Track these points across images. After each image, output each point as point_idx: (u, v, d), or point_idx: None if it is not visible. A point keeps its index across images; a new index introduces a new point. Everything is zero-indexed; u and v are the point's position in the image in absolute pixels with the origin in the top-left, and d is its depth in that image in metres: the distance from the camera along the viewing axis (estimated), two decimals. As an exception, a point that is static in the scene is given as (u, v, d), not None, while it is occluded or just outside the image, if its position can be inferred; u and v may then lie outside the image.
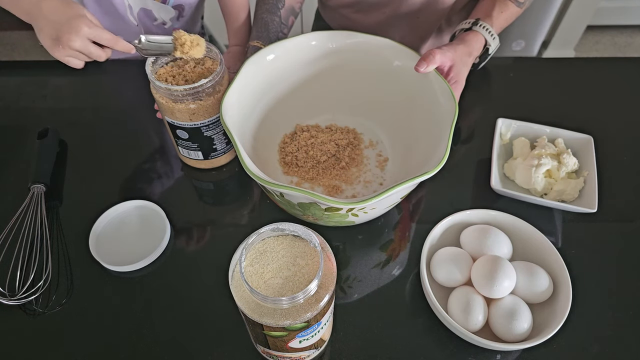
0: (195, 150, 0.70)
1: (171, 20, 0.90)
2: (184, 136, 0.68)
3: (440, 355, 0.55)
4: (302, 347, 0.48)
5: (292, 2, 0.82)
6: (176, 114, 0.64)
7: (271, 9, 0.79)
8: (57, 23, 0.52)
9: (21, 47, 2.22)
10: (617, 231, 0.67)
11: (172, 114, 0.64)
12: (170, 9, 0.88)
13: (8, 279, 0.60)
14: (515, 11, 0.79)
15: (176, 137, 0.69)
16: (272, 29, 0.78)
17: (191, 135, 0.67)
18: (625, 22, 2.19)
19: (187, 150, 0.70)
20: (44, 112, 0.85)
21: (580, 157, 0.72)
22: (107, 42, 0.56)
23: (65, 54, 0.54)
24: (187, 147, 0.70)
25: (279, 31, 0.79)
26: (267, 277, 0.43)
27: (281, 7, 0.80)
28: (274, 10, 0.79)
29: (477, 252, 0.59)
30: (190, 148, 0.70)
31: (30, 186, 0.68)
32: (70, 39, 0.53)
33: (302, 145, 0.74)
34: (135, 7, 0.84)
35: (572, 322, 0.55)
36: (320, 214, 0.57)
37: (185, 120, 0.65)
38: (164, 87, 0.61)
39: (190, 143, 0.69)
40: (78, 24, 0.53)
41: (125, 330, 0.57)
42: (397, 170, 0.72)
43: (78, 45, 0.53)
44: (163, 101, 0.63)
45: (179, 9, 0.89)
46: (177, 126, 0.66)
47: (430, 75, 0.66)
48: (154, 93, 0.64)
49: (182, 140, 0.69)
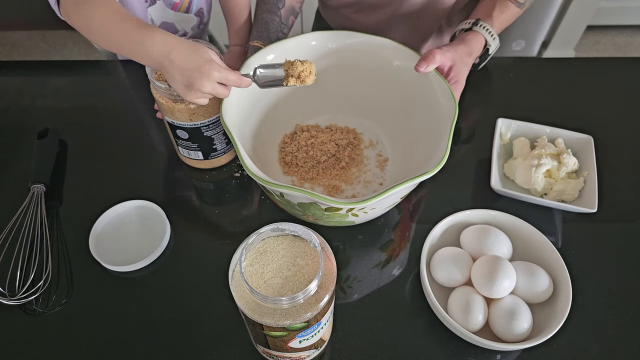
0: (195, 150, 0.70)
1: (192, 29, 0.90)
2: (184, 136, 0.68)
3: (440, 355, 0.55)
4: (302, 347, 0.48)
5: (292, 2, 0.82)
6: (176, 114, 0.64)
7: (271, 9, 0.79)
8: (188, 70, 0.55)
9: (21, 47, 2.22)
10: (617, 231, 0.67)
11: (172, 114, 0.64)
12: (193, 17, 0.88)
13: (8, 279, 0.60)
14: (516, 12, 0.79)
15: (176, 137, 0.69)
16: (272, 29, 0.78)
17: (191, 135, 0.67)
18: (625, 22, 2.19)
19: (187, 150, 0.70)
20: (44, 112, 0.85)
21: (580, 157, 0.72)
22: (234, 83, 0.58)
23: (196, 97, 0.57)
24: (187, 147, 0.70)
25: (279, 31, 0.79)
26: (267, 277, 0.43)
27: (281, 7, 0.80)
28: (274, 10, 0.79)
29: (477, 252, 0.59)
30: (190, 148, 0.70)
31: (30, 186, 0.68)
32: (202, 85, 0.55)
33: (302, 145, 0.74)
34: (157, 22, 0.85)
35: (572, 322, 0.55)
36: (320, 214, 0.57)
37: (185, 120, 0.65)
38: (164, 87, 0.61)
39: (190, 143, 0.69)
40: (208, 70, 0.55)
41: (125, 330, 0.57)
42: (397, 170, 0.72)
43: (208, 89, 0.56)
44: (163, 101, 0.63)
45: (200, 16, 0.89)
46: (177, 126, 0.66)
47: (430, 75, 0.66)
48: (154, 93, 0.65)
49: (182, 140, 0.69)
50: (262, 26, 0.78)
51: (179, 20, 0.87)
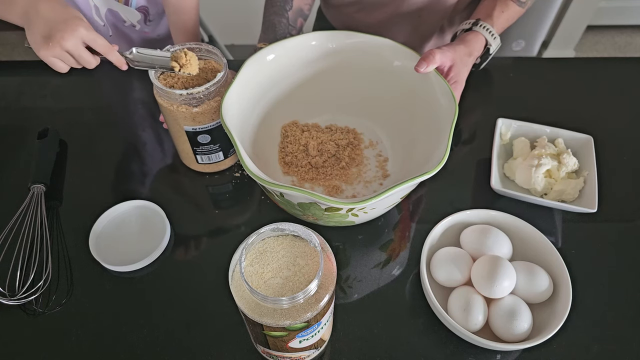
0: (216, 152, 0.69)
1: (139, 23, 0.88)
2: (205, 140, 0.66)
3: (440, 355, 0.55)
4: (302, 347, 0.48)
5: (300, 4, 0.81)
6: (198, 118, 0.63)
7: (279, 11, 0.79)
8: (52, 21, 0.51)
9: (21, 47, 2.22)
10: (617, 231, 0.67)
11: (193, 120, 0.63)
12: (135, 12, 0.87)
13: (8, 279, 0.60)
14: (517, 10, 0.79)
15: (196, 144, 0.67)
16: (279, 30, 0.78)
17: (213, 136, 0.66)
18: (625, 22, 2.19)
19: (208, 155, 0.69)
20: (44, 112, 0.85)
21: (580, 157, 0.72)
22: (101, 49, 0.54)
23: (53, 53, 0.52)
24: (209, 152, 0.68)
25: (287, 33, 0.79)
26: (267, 277, 0.43)
27: (289, 9, 0.80)
28: (282, 12, 0.79)
29: (477, 252, 0.59)
30: (212, 151, 0.68)
31: (30, 186, 0.68)
32: (63, 37, 0.51)
33: (302, 145, 0.74)
34: (102, 8, 0.82)
35: (572, 322, 0.55)
36: (320, 214, 0.57)
37: (207, 121, 0.64)
38: (186, 92, 0.59)
39: (212, 145, 0.67)
40: (75, 23, 0.51)
41: (125, 330, 0.57)
42: (397, 170, 0.72)
43: (70, 45, 0.51)
44: (183, 109, 0.62)
45: (144, 12, 0.88)
46: (198, 132, 0.64)
47: (431, 75, 0.66)
48: (168, 107, 0.62)
49: (204, 145, 0.67)
50: (269, 28, 0.78)
51: (123, 11, 0.85)
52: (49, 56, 0.52)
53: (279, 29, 0.78)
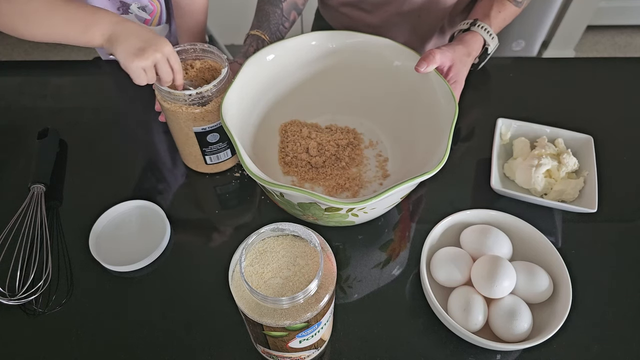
0: (224, 150, 0.69)
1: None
2: (214, 139, 0.66)
3: (440, 355, 0.55)
4: (302, 347, 0.48)
5: None
6: (208, 117, 0.63)
7: (273, 1, 0.80)
8: (145, 37, 0.58)
9: (21, 47, 2.22)
10: (617, 231, 0.67)
11: (203, 119, 0.63)
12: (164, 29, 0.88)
13: (8, 279, 0.60)
14: (514, 10, 0.79)
15: (205, 145, 0.67)
16: (272, 20, 0.78)
17: (222, 134, 0.66)
18: (625, 22, 2.19)
19: (217, 154, 0.69)
20: (44, 112, 0.85)
21: (580, 157, 0.72)
22: (176, 67, 0.61)
23: (144, 64, 0.57)
24: (217, 151, 0.68)
25: (280, 24, 0.79)
26: (267, 277, 0.43)
27: (283, 0, 0.80)
28: (276, 2, 0.80)
29: (477, 252, 0.59)
30: (221, 150, 0.68)
31: (30, 186, 0.68)
32: (157, 49, 0.57)
33: (302, 145, 0.74)
34: None
35: (572, 322, 0.55)
36: (320, 214, 0.57)
37: (216, 120, 0.64)
38: (195, 92, 0.60)
39: (221, 144, 0.68)
40: (164, 40, 0.59)
41: (125, 330, 0.57)
42: (397, 170, 0.72)
43: (159, 57, 0.58)
44: (191, 110, 0.62)
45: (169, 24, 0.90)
46: (207, 131, 0.65)
47: (430, 75, 0.66)
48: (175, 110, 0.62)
49: (213, 145, 0.67)
50: (263, 16, 0.78)
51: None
52: (139, 66, 0.57)
53: (272, 18, 0.78)
